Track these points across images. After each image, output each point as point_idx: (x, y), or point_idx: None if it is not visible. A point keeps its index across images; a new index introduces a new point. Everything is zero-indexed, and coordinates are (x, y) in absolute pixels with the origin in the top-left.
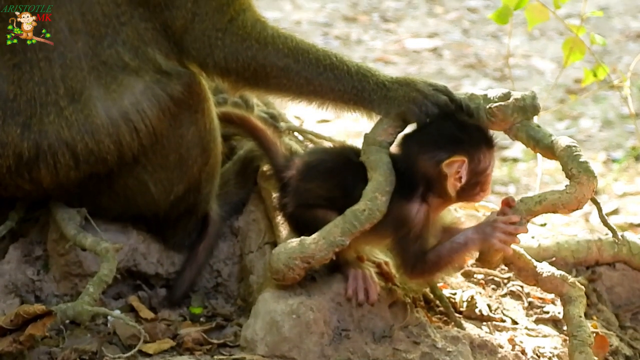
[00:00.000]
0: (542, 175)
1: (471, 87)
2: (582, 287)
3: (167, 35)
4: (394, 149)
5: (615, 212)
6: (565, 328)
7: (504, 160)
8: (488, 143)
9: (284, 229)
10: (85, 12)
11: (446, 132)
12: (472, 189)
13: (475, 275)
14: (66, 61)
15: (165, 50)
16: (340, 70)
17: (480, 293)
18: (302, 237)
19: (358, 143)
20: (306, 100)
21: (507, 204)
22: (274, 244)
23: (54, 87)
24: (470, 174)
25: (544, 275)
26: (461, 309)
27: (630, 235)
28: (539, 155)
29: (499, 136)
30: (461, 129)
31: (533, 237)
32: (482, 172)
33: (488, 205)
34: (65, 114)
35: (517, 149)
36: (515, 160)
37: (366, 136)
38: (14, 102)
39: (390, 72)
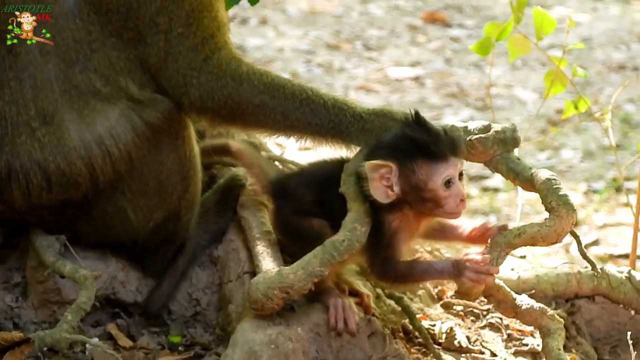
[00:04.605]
0: (522, 206)
1: (453, 117)
2: (561, 319)
3: (142, 67)
4: None
5: (595, 243)
6: None
7: (485, 190)
8: (426, 155)
9: (263, 259)
10: (55, 35)
11: (386, 140)
12: (423, 203)
13: (454, 307)
14: (37, 82)
15: (139, 80)
16: (317, 104)
17: (459, 325)
18: (281, 267)
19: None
20: (284, 135)
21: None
22: (253, 274)
23: (25, 107)
24: (406, 185)
25: (523, 307)
26: (440, 341)
27: (609, 268)
28: None
29: (478, 166)
30: (399, 138)
31: (513, 269)
32: (423, 185)
33: None
34: (37, 135)
35: (498, 179)
36: (496, 190)
37: (346, 167)
38: None
39: (372, 100)
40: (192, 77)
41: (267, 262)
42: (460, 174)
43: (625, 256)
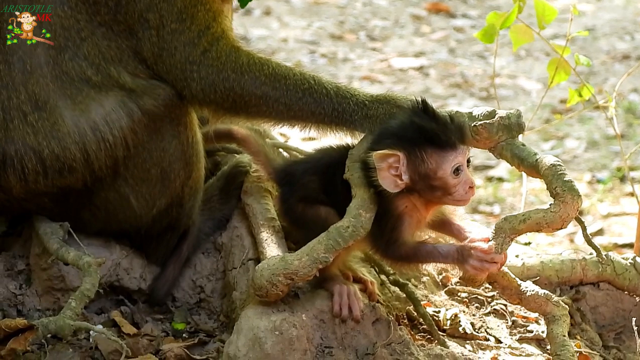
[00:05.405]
0: (527, 195)
1: (457, 107)
2: (566, 306)
3: (136, 57)
4: None
5: (599, 232)
6: (548, 347)
7: (489, 179)
8: (435, 143)
9: (268, 245)
10: (43, 20)
11: (393, 129)
12: (432, 192)
13: (459, 294)
14: (26, 66)
15: (132, 69)
16: (320, 93)
17: (464, 311)
18: (285, 253)
19: None
20: (288, 125)
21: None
22: (258, 261)
23: (15, 91)
24: (415, 174)
25: (528, 294)
26: (445, 327)
27: (614, 255)
28: (524, 175)
29: (482, 156)
30: (407, 127)
31: (517, 256)
32: (432, 174)
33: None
34: (30, 119)
35: (502, 168)
36: (500, 180)
37: (350, 153)
38: None
39: (374, 90)
40: (192, 72)
41: (272, 249)
42: (468, 161)
43: (630, 245)
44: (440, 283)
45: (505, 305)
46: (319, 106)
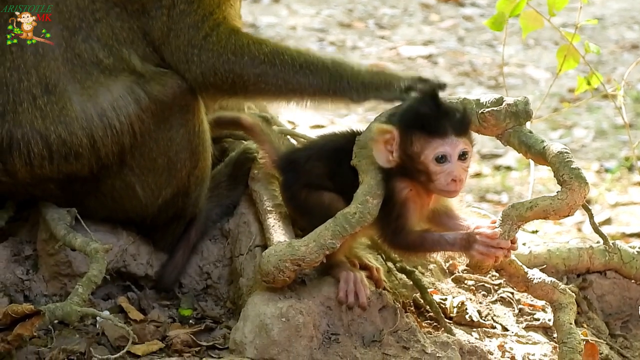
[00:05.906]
0: (534, 184)
1: (465, 95)
2: (573, 294)
3: (145, 40)
4: None
5: (607, 221)
6: (555, 335)
7: (497, 168)
8: (425, 129)
9: (275, 231)
10: (59, 1)
11: (400, 109)
12: (418, 175)
13: (465, 281)
14: (38, 49)
15: (142, 52)
16: (316, 65)
17: (470, 299)
18: (292, 239)
19: None
20: (285, 100)
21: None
22: (265, 247)
23: (27, 74)
24: (402, 153)
25: (535, 281)
26: (451, 315)
27: (621, 244)
28: (532, 163)
29: (490, 144)
30: (408, 109)
31: (524, 244)
32: (416, 157)
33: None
34: (39, 103)
35: (510, 157)
36: (508, 168)
37: (358, 139)
38: None
39: None
40: (192, 55)
41: (279, 235)
42: (463, 155)
43: (637, 235)
44: (447, 271)
45: (512, 293)
46: (316, 77)
